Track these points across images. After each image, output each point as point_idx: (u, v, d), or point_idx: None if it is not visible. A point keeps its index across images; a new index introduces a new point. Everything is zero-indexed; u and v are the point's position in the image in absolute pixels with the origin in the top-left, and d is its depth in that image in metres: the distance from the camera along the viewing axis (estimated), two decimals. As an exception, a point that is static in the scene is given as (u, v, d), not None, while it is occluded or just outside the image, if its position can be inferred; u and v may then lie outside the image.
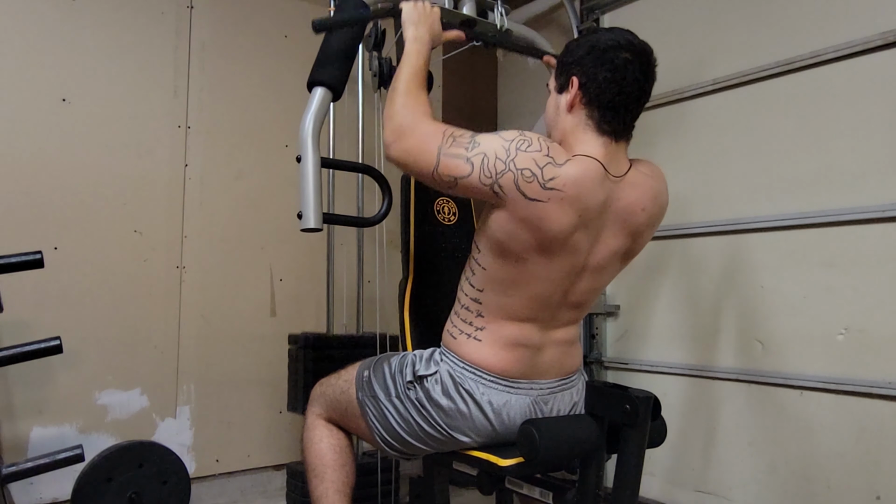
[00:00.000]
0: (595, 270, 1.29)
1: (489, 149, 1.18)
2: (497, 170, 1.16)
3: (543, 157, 1.17)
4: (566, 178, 1.17)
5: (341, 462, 1.46)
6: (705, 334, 2.19)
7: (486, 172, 1.17)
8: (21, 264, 1.78)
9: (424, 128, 1.24)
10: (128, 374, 2.28)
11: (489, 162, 1.17)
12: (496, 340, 1.29)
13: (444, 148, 1.20)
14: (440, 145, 1.20)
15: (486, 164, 1.17)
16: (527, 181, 1.16)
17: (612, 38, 1.25)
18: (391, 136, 1.25)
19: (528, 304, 1.27)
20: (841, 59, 1.88)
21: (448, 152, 1.20)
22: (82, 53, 2.24)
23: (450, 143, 1.20)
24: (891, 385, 1.72)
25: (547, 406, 1.32)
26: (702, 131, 2.24)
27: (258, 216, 2.57)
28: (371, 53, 2.27)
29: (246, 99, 2.58)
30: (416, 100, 1.28)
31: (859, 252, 1.82)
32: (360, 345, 2.30)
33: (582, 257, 1.26)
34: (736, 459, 2.06)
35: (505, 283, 1.26)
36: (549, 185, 1.16)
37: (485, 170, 1.17)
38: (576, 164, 1.19)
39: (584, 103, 1.26)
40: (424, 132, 1.23)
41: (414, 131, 1.24)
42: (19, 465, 1.71)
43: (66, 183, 2.19)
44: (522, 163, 1.16)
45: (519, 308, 1.27)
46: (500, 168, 1.16)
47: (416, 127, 1.24)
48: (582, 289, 1.31)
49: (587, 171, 1.20)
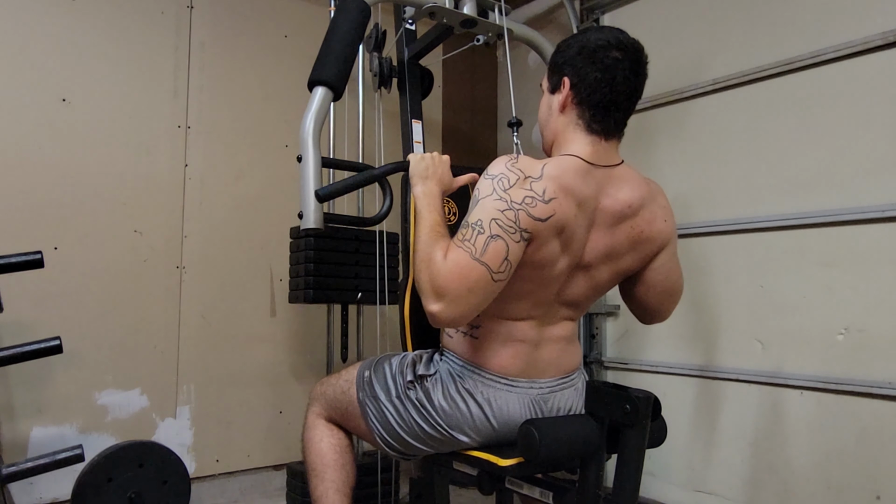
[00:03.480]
0: (587, 269, 1.29)
1: (485, 217, 1.14)
2: (511, 219, 1.14)
3: (524, 180, 1.18)
4: (550, 179, 1.18)
5: (342, 462, 1.47)
6: (705, 334, 2.19)
7: (508, 230, 1.14)
8: (21, 264, 1.78)
9: (453, 269, 1.13)
10: (128, 374, 2.28)
11: (503, 220, 1.14)
12: (494, 338, 1.29)
13: (475, 254, 1.13)
14: (472, 256, 1.13)
15: (502, 223, 1.14)
16: (532, 207, 1.16)
17: (602, 38, 1.25)
18: (436, 302, 1.13)
19: (524, 305, 1.27)
20: (841, 59, 1.88)
21: (478, 257, 1.13)
22: (82, 53, 2.24)
23: (473, 248, 1.13)
24: (891, 385, 1.72)
25: (547, 405, 1.32)
26: (702, 131, 2.24)
27: (258, 216, 2.57)
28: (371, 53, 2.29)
29: (246, 99, 2.58)
30: (438, 260, 1.16)
31: (859, 252, 1.82)
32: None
33: (576, 254, 1.25)
34: (736, 459, 2.06)
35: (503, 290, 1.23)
36: (546, 196, 1.17)
37: (505, 229, 1.14)
38: (551, 164, 1.21)
39: (576, 103, 1.27)
40: (458, 272, 1.13)
41: (451, 281, 1.12)
42: (19, 465, 1.70)
43: (66, 183, 2.19)
44: (518, 196, 1.16)
45: (514, 308, 1.28)
46: (512, 217, 1.14)
47: (450, 276, 1.13)
48: (576, 288, 1.30)
49: (564, 166, 1.21)
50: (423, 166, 1.36)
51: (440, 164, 1.39)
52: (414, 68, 2.18)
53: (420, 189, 1.34)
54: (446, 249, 1.15)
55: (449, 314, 1.12)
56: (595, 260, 1.28)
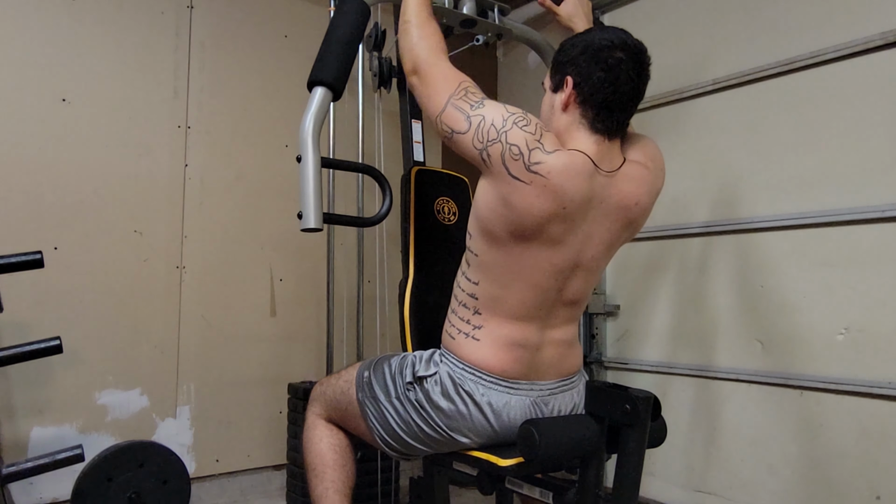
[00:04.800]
0: (589, 267, 1.30)
1: (489, 114, 1.20)
2: (489, 137, 1.19)
3: (535, 140, 1.18)
4: (551, 166, 1.17)
5: (341, 462, 1.47)
6: (705, 334, 2.19)
7: (479, 136, 1.20)
8: (21, 264, 1.78)
9: (442, 70, 1.27)
10: (128, 374, 2.28)
11: (485, 126, 1.20)
12: (495, 340, 1.29)
13: (454, 98, 1.23)
14: (451, 94, 1.23)
15: (481, 127, 1.20)
16: (513, 158, 1.17)
17: (607, 38, 1.25)
18: (410, 67, 1.29)
19: (524, 301, 1.27)
20: (841, 59, 1.88)
21: (455, 103, 1.23)
22: (82, 53, 2.24)
23: (460, 94, 1.23)
24: (891, 385, 1.72)
25: (547, 407, 1.32)
26: (702, 131, 2.24)
27: (258, 216, 2.57)
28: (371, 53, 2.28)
29: (246, 99, 2.58)
30: (432, 34, 1.32)
31: (859, 252, 1.82)
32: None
33: (573, 253, 1.25)
34: (736, 459, 2.06)
35: (497, 271, 1.26)
36: (533, 168, 1.16)
37: (479, 133, 1.20)
38: (563, 156, 1.20)
39: (579, 103, 1.27)
40: (442, 75, 1.26)
41: (431, 69, 1.27)
42: (19, 465, 1.70)
43: (66, 183, 2.19)
44: (513, 138, 1.18)
45: (515, 305, 1.27)
46: (493, 137, 1.18)
47: (435, 65, 1.28)
48: (577, 286, 1.31)
49: (573, 163, 1.20)
50: None
51: None
52: (414, 68, 2.18)
53: None
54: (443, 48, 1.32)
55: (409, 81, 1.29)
56: (597, 254, 1.30)
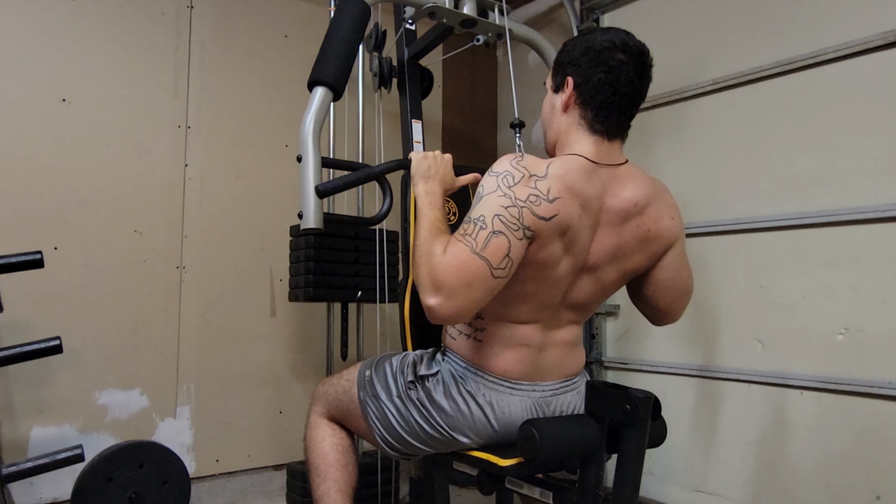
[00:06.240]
0: (592, 270, 1.28)
1: (493, 208, 1.13)
2: (514, 216, 1.13)
3: (529, 178, 1.17)
4: (555, 179, 1.18)
5: (344, 461, 1.47)
6: (705, 334, 2.19)
7: (512, 228, 1.13)
8: (21, 264, 1.78)
9: (452, 261, 1.11)
10: (128, 374, 2.28)
11: (506, 216, 1.13)
12: (497, 341, 1.29)
13: (476, 248, 1.11)
14: (472, 250, 1.11)
15: (505, 220, 1.12)
16: (537, 206, 1.15)
17: (608, 39, 1.25)
18: (433, 296, 1.09)
19: (527, 303, 1.27)
20: (841, 59, 1.88)
21: (479, 251, 1.11)
22: (82, 53, 2.24)
23: (474, 242, 1.12)
24: (891, 385, 1.72)
25: (549, 408, 1.31)
26: (702, 131, 2.24)
27: (258, 216, 2.57)
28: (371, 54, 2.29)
29: (246, 99, 2.58)
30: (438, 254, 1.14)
31: (859, 252, 1.82)
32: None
33: (581, 256, 1.25)
34: (736, 459, 2.06)
35: (506, 291, 1.21)
36: (550, 195, 1.16)
37: (508, 225, 1.12)
38: (556, 164, 1.21)
39: (579, 103, 1.27)
40: (457, 265, 1.10)
41: (450, 274, 1.10)
42: (19, 465, 1.70)
43: (66, 183, 2.19)
44: (522, 194, 1.15)
45: (519, 311, 1.27)
46: (515, 213, 1.13)
47: (449, 269, 1.10)
48: (582, 291, 1.30)
49: (569, 165, 1.21)
50: (426, 165, 1.36)
51: (442, 163, 1.38)
52: (414, 68, 2.18)
53: (422, 188, 1.32)
54: (446, 244, 1.14)
55: (447, 309, 1.08)
56: (601, 261, 1.27)
